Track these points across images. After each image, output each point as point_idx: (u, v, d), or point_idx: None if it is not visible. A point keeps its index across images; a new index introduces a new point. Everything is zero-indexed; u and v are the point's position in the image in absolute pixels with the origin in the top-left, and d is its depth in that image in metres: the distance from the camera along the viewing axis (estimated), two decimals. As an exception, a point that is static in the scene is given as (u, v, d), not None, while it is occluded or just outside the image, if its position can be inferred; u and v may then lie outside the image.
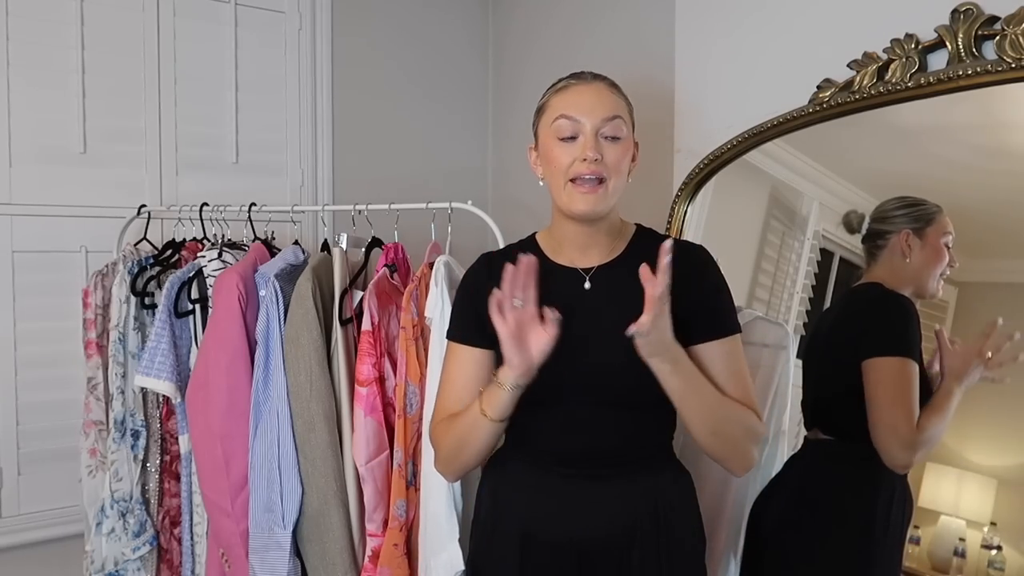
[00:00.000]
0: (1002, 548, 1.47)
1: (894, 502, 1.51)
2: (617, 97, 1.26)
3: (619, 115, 1.23)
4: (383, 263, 1.70)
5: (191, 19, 2.30)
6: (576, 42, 2.44)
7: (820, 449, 1.62)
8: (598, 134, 1.22)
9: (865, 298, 1.59)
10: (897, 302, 1.51)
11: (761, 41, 1.87)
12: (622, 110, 1.25)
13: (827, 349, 1.63)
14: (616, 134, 1.23)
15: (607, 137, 1.22)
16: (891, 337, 1.49)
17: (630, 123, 1.27)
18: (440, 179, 2.72)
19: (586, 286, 1.28)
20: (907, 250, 1.51)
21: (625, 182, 1.27)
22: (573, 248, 1.30)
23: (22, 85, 2.09)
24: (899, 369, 1.46)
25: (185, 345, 1.91)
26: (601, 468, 1.27)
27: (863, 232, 1.57)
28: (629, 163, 1.26)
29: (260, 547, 1.66)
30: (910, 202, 1.53)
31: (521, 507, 1.30)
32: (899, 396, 1.45)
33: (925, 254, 1.51)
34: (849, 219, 1.59)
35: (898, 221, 1.53)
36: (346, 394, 1.66)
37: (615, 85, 1.28)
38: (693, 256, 1.30)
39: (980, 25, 1.44)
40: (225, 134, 2.38)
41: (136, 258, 2.04)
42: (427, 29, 2.73)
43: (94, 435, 1.99)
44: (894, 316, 1.51)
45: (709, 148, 1.91)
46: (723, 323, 1.27)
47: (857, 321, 1.57)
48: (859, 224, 1.57)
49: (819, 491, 1.59)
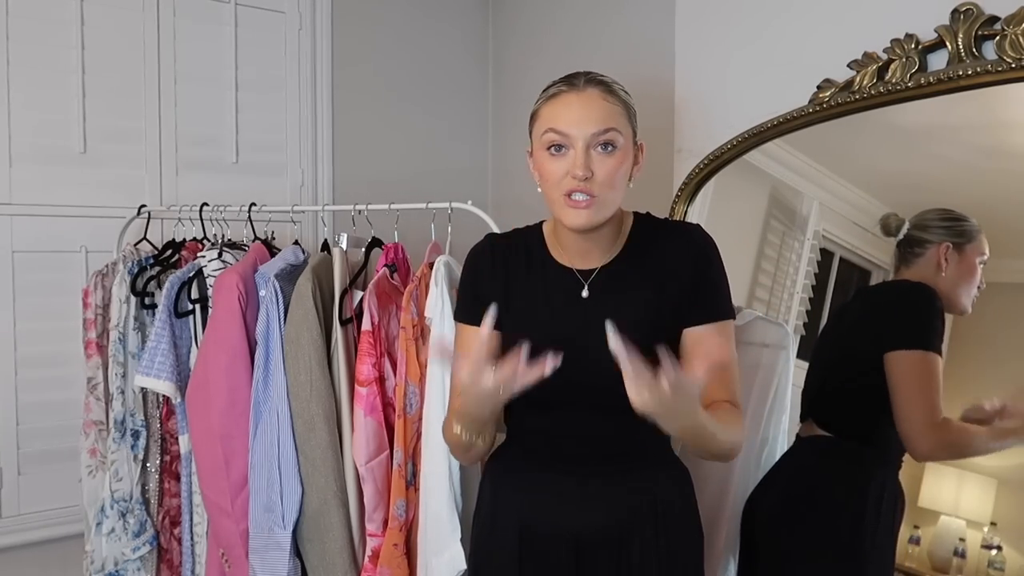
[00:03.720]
0: (1002, 548, 1.47)
1: (884, 499, 1.52)
2: (612, 104, 1.19)
3: (611, 127, 1.17)
4: (383, 263, 1.70)
5: (191, 19, 2.30)
6: (576, 41, 2.44)
7: (812, 445, 1.62)
8: (589, 147, 1.17)
9: (894, 290, 1.60)
10: (924, 293, 1.51)
11: (761, 41, 1.87)
12: (616, 119, 1.19)
13: (841, 341, 1.63)
14: (611, 144, 1.18)
15: (600, 148, 1.17)
16: (915, 330, 1.49)
17: (629, 128, 1.21)
18: (440, 179, 2.72)
19: (584, 294, 1.27)
20: (944, 263, 1.52)
21: (624, 189, 1.22)
22: (573, 251, 1.29)
23: (22, 85, 2.09)
24: (923, 362, 1.46)
25: (185, 345, 1.91)
26: (600, 466, 1.28)
27: (900, 236, 1.57)
28: (629, 169, 1.22)
29: (260, 547, 1.66)
30: (954, 216, 1.53)
31: (520, 501, 1.31)
32: (923, 389, 1.46)
33: (960, 270, 1.52)
34: (888, 221, 1.58)
35: (941, 233, 1.53)
36: (346, 394, 1.66)
37: (610, 89, 1.21)
38: (688, 237, 1.28)
39: (980, 25, 1.44)
40: (225, 134, 2.38)
41: (136, 258, 2.04)
42: (427, 29, 2.73)
43: (94, 435, 1.99)
44: (920, 308, 1.51)
45: (709, 148, 1.91)
46: (715, 308, 1.26)
47: (881, 312, 1.57)
48: (897, 228, 1.57)
49: (811, 487, 1.59)
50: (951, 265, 1.52)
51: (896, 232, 1.58)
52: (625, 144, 1.20)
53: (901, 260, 1.59)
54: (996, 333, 1.52)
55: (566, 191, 1.18)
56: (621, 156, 1.19)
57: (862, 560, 1.51)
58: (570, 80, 1.21)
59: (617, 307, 1.23)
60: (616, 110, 1.19)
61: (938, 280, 1.52)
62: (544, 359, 1.09)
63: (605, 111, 1.18)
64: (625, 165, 1.20)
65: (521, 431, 1.34)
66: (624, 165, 1.20)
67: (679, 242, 1.28)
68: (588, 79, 1.21)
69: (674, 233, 1.31)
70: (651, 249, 1.28)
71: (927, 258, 1.54)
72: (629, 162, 1.21)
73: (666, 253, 1.27)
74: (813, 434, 1.62)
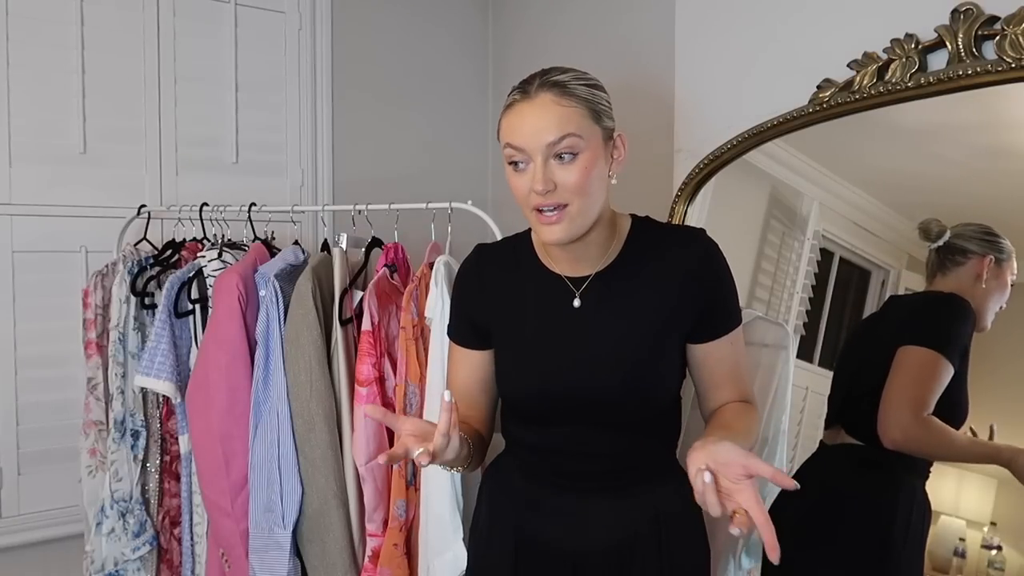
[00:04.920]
0: (1002, 548, 1.47)
1: (914, 509, 1.50)
2: (568, 107, 1.09)
3: (567, 133, 1.08)
4: (383, 263, 1.70)
5: (191, 19, 2.30)
6: (576, 41, 2.44)
7: (840, 454, 1.60)
8: (548, 159, 1.09)
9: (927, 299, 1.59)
10: (957, 303, 1.51)
11: (761, 41, 1.87)
12: (575, 122, 1.09)
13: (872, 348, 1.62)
14: (571, 151, 1.09)
15: (560, 156, 1.09)
16: (934, 331, 1.50)
17: (593, 127, 1.11)
18: (440, 179, 2.72)
19: (576, 304, 1.20)
20: (984, 276, 1.51)
21: (603, 191, 1.15)
22: (562, 261, 1.22)
23: (22, 85, 2.09)
24: (931, 361, 1.47)
25: (185, 345, 1.91)
26: (598, 481, 1.24)
27: (940, 243, 1.57)
28: (604, 169, 1.14)
29: (260, 547, 1.66)
30: (994, 233, 1.52)
31: (516, 517, 1.28)
32: (921, 382, 1.46)
33: (996, 285, 1.51)
34: (929, 226, 1.56)
35: (985, 246, 1.52)
36: (346, 394, 1.66)
37: (566, 90, 1.10)
38: (692, 247, 1.21)
39: (980, 25, 1.44)
40: (225, 134, 2.38)
41: (136, 258, 2.04)
42: (427, 29, 2.73)
43: (94, 435, 1.99)
44: (946, 313, 1.51)
45: (709, 148, 1.91)
46: (727, 320, 1.23)
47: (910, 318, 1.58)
48: (939, 235, 1.55)
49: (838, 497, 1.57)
50: (990, 279, 1.52)
51: (936, 238, 1.56)
52: (590, 146, 1.11)
53: (938, 267, 1.57)
54: (996, 333, 1.52)
55: (533, 206, 1.12)
56: (585, 160, 1.10)
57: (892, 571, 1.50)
58: (524, 87, 1.14)
59: (611, 318, 1.19)
60: (574, 112, 1.10)
61: (975, 291, 1.51)
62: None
63: (559, 117, 1.09)
64: (595, 168, 1.11)
65: (518, 444, 1.31)
66: (593, 168, 1.11)
67: (682, 250, 1.20)
68: (542, 82, 1.12)
69: (676, 239, 1.24)
70: (650, 255, 1.21)
71: (967, 268, 1.53)
72: (600, 163, 1.13)
73: (667, 260, 1.20)
74: (841, 442, 1.60)
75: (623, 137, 1.18)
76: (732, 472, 0.93)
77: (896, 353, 1.49)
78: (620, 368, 1.18)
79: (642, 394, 1.19)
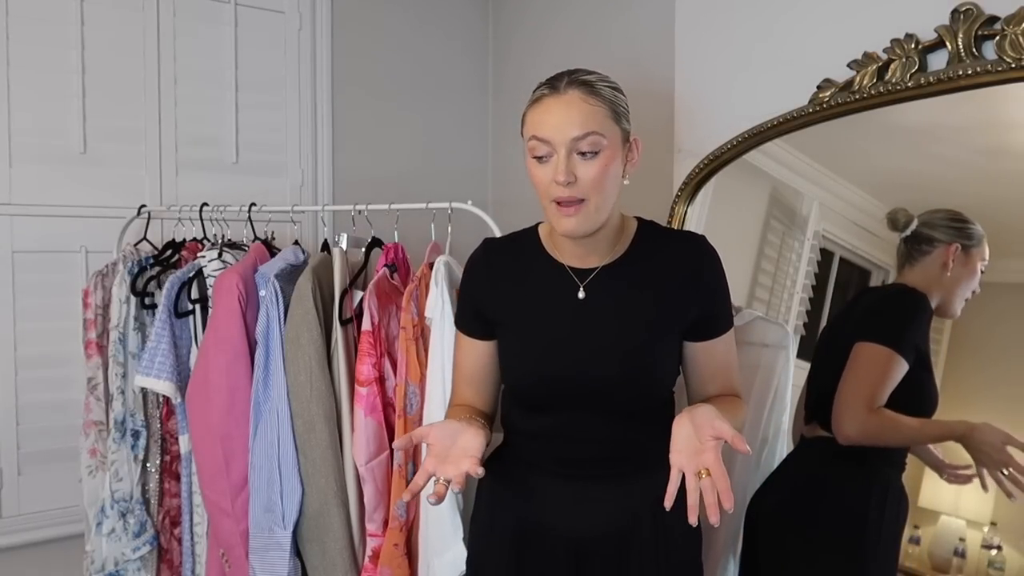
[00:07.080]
0: (1002, 548, 1.47)
1: (888, 500, 1.52)
2: (594, 105, 1.15)
3: (592, 131, 1.14)
4: (383, 263, 1.70)
5: (191, 19, 2.30)
6: (576, 41, 2.44)
7: (815, 447, 1.62)
8: (571, 153, 1.14)
9: (885, 292, 1.62)
10: (912, 297, 1.52)
11: (761, 41, 1.87)
12: (598, 121, 1.15)
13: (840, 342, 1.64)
14: (593, 149, 1.14)
15: (583, 153, 1.15)
16: (887, 327, 1.52)
17: (615, 128, 1.17)
18: (440, 179, 2.72)
19: (580, 296, 1.25)
20: (950, 264, 1.52)
21: (616, 191, 1.20)
22: (570, 254, 1.27)
23: (22, 85, 2.09)
24: (884, 358, 1.49)
25: (185, 345, 1.91)
26: (598, 470, 1.28)
27: (907, 232, 1.57)
28: (620, 170, 1.19)
29: (260, 547, 1.66)
30: (963, 219, 1.52)
31: (518, 505, 1.31)
32: (872, 377, 1.49)
33: (964, 272, 1.52)
34: (896, 216, 1.58)
35: (951, 233, 1.53)
36: (346, 394, 1.66)
37: (593, 89, 1.16)
38: (694, 248, 1.28)
39: (980, 25, 1.44)
40: (225, 134, 2.38)
41: (136, 258, 2.04)
42: (427, 29, 2.73)
43: (94, 435, 1.98)
44: (900, 308, 1.53)
45: (709, 148, 1.91)
46: (723, 323, 1.28)
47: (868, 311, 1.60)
48: (905, 224, 1.56)
49: (815, 489, 1.59)
50: (956, 266, 1.52)
51: (903, 228, 1.57)
52: (610, 145, 1.16)
53: (907, 257, 1.58)
54: (996, 333, 1.52)
55: (553, 198, 1.16)
56: (605, 159, 1.15)
57: (866, 562, 1.51)
58: (553, 83, 1.18)
59: (614, 310, 1.23)
60: (599, 111, 1.15)
61: (942, 279, 1.52)
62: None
63: (586, 114, 1.14)
64: (613, 167, 1.17)
65: (518, 434, 1.34)
66: (612, 167, 1.17)
67: (685, 254, 1.26)
68: (571, 80, 1.17)
69: (679, 240, 1.31)
70: (654, 255, 1.27)
71: (934, 257, 1.54)
72: (618, 163, 1.18)
73: (669, 258, 1.26)
74: (817, 435, 1.62)
75: (638, 141, 1.24)
76: (703, 433, 1.06)
77: (852, 350, 1.51)
78: (620, 357, 1.22)
79: (641, 382, 1.24)
